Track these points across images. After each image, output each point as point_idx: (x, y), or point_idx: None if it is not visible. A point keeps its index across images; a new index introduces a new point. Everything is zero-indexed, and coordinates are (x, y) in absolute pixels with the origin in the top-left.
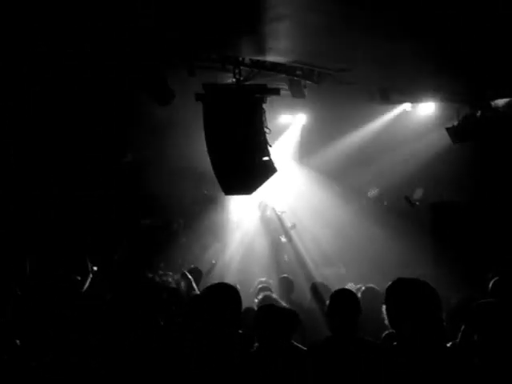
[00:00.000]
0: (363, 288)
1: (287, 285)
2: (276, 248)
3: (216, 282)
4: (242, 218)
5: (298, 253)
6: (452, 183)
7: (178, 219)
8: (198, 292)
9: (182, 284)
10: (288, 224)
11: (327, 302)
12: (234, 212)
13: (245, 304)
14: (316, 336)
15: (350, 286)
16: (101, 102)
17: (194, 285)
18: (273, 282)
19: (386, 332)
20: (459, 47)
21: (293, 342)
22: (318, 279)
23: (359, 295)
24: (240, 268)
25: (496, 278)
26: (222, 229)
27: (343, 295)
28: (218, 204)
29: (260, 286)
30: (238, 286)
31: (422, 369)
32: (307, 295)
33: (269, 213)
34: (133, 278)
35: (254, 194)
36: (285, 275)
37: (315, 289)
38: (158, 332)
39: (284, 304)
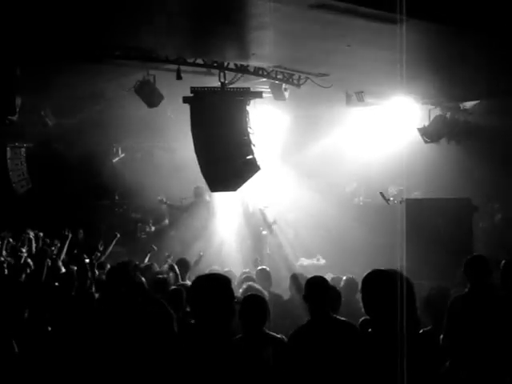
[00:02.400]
0: (343, 278)
1: (265, 276)
2: (258, 241)
3: (203, 273)
4: (226, 214)
5: (279, 245)
6: (423, 180)
7: (167, 214)
8: (188, 283)
9: (171, 275)
10: (270, 219)
11: None
12: (218, 207)
13: None
14: (298, 323)
15: (328, 276)
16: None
17: (180, 278)
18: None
19: (363, 318)
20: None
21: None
22: (298, 270)
23: (341, 285)
24: (224, 260)
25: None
26: (207, 223)
27: (317, 281)
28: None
29: (244, 276)
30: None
31: (396, 354)
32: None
33: (251, 208)
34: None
35: (239, 190)
36: (263, 267)
37: (295, 279)
38: (147, 324)
39: (266, 294)
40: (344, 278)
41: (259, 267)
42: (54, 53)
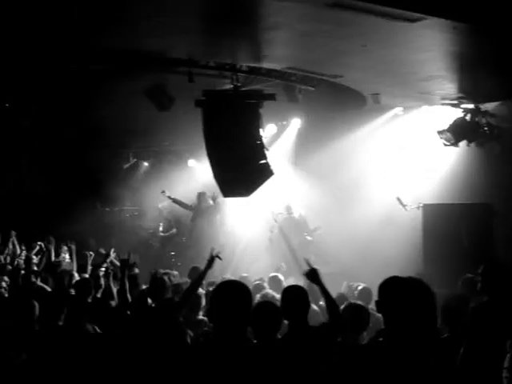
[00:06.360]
0: (359, 287)
1: (276, 284)
2: (303, 247)
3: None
4: (243, 220)
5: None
6: (442, 185)
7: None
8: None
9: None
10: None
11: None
12: (234, 214)
13: None
14: None
15: (343, 283)
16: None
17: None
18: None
19: (379, 329)
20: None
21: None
22: None
23: (355, 294)
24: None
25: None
26: (211, 228)
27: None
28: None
29: (255, 283)
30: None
31: (413, 364)
32: None
33: (296, 214)
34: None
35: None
36: (274, 274)
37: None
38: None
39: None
40: (359, 287)
41: (271, 274)
42: (64, 56)
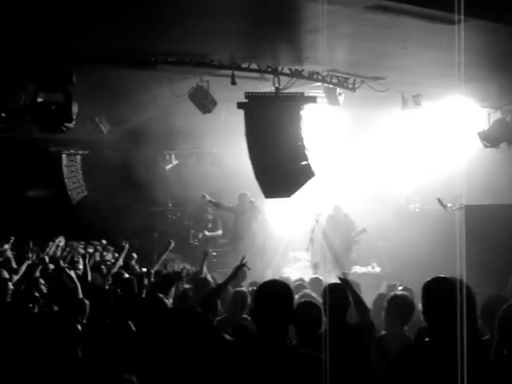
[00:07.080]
0: (400, 288)
1: (317, 285)
2: (344, 248)
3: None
4: (285, 220)
5: (334, 253)
6: (485, 186)
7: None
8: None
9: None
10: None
11: None
12: (276, 214)
13: None
14: None
15: (383, 284)
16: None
17: None
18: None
19: (420, 327)
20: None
21: None
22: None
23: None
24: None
25: None
26: (251, 229)
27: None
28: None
29: (296, 283)
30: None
31: (455, 363)
32: None
33: (341, 215)
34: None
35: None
36: (316, 276)
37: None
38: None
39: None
40: (400, 287)
41: (313, 276)
42: (109, 60)
